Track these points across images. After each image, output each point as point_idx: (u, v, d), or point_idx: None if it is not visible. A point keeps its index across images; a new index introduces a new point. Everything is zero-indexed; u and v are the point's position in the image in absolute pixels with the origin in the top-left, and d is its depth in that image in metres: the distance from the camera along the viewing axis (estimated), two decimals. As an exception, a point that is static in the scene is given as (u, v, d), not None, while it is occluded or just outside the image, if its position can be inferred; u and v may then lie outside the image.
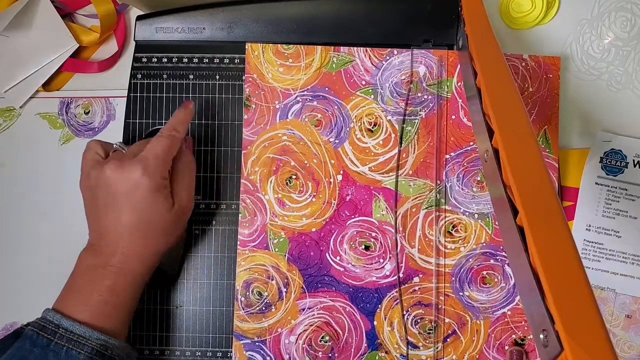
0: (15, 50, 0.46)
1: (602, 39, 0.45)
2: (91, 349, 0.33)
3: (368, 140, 0.42)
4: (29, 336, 0.33)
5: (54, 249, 0.46)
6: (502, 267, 0.42)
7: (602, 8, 0.45)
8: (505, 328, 0.41)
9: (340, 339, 0.41)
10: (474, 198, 0.42)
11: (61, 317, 0.34)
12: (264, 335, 0.41)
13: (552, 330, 0.22)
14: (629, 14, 0.45)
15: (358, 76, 0.43)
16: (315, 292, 0.42)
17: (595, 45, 0.45)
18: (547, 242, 0.25)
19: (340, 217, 0.42)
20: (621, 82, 0.45)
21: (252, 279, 0.42)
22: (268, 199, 0.42)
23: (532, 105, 0.43)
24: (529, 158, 0.29)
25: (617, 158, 0.43)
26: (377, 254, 0.42)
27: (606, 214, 0.43)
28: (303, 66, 0.43)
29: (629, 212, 0.43)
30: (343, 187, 0.42)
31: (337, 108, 0.43)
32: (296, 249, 0.42)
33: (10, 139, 0.47)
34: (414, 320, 0.41)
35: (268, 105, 0.43)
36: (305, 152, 0.42)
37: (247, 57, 0.43)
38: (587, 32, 0.45)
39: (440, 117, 0.42)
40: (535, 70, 0.43)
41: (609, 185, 0.43)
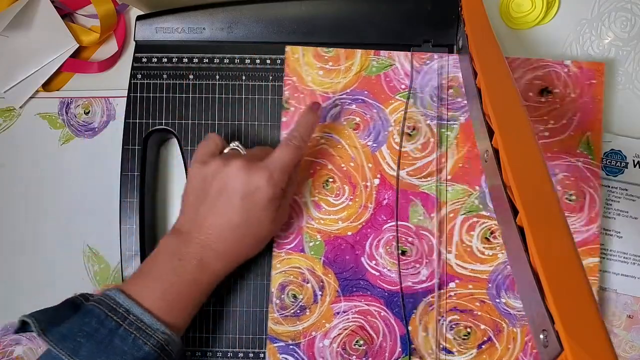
0: (15, 50, 0.46)
1: (602, 39, 0.45)
2: (156, 341, 0.33)
3: (406, 144, 0.42)
4: (96, 314, 0.32)
5: (54, 249, 0.46)
6: None
7: (602, 8, 0.45)
8: None
9: (374, 344, 0.41)
10: None
11: (132, 303, 0.33)
12: (298, 339, 0.41)
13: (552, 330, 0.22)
14: (629, 14, 0.45)
15: (398, 80, 0.42)
16: (350, 296, 0.41)
17: (595, 45, 0.45)
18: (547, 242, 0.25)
19: (376, 221, 0.42)
20: (621, 82, 0.45)
21: (287, 282, 0.41)
22: (305, 201, 0.42)
23: (574, 111, 0.42)
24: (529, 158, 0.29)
25: (617, 158, 0.43)
26: (414, 259, 0.41)
27: (607, 215, 0.43)
28: (342, 69, 0.43)
29: (629, 212, 0.43)
30: (380, 191, 0.42)
31: (375, 112, 0.42)
32: (332, 252, 0.42)
33: (10, 139, 0.47)
34: (449, 326, 0.41)
35: None
36: (342, 156, 0.42)
37: (287, 59, 0.43)
38: (587, 32, 0.45)
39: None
40: (577, 76, 0.42)
41: (609, 186, 0.43)
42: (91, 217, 0.46)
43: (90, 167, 0.46)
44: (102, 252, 0.45)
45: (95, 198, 0.46)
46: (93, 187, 0.46)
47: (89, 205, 0.46)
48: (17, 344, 0.45)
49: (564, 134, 0.42)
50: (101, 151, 0.46)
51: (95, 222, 0.45)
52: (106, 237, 0.45)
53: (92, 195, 0.46)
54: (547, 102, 0.43)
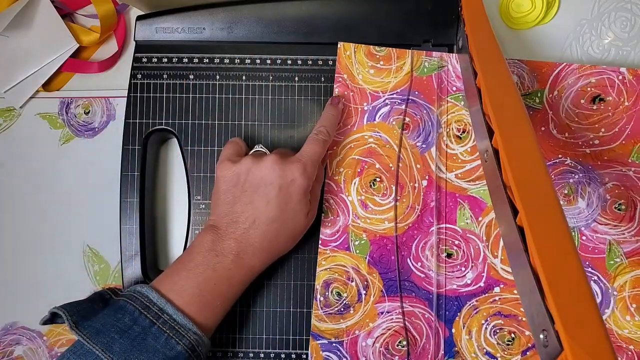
0: (15, 50, 0.46)
1: (602, 39, 0.45)
2: (188, 342, 0.33)
3: (456, 146, 0.42)
4: (130, 311, 0.33)
5: (54, 249, 0.46)
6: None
7: (602, 8, 0.45)
8: None
9: (417, 345, 0.41)
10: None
11: (166, 302, 0.33)
12: (341, 337, 0.41)
13: (552, 330, 0.22)
14: (629, 14, 0.45)
15: (449, 82, 0.42)
16: (394, 297, 0.41)
17: (595, 45, 0.45)
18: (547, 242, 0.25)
19: (423, 223, 0.42)
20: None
21: (332, 279, 0.41)
22: (351, 200, 0.42)
23: (628, 120, 0.42)
24: (529, 158, 0.29)
25: None
26: (460, 262, 0.41)
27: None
28: (394, 69, 0.42)
29: None
30: (427, 192, 0.42)
31: (425, 113, 0.42)
32: (377, 252, 0.41)
33: (10, 139, 0.47)
34: (493, 331, 0.41)
35: (356, 107, 0.42)
36: (390, 156, 0.42)
37: (339, 56, 0.43)
38: (587, 32, 0.45)
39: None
40: (632, 83, 0.42)
41: None
42: (91, 217, 0.46)
43: (90, 167, 0.46)
44: (102, 252, 0.45)
45: (95, 198, 0.46)
46: (93, 187, 0.46)
47: (89, 205, 0.46)
48: (17, 344, 0.45)
49: (615, 143, 0.42)
50: (101, 151, 0.46)
51: (95, 222, 0.45)
52: (106, 237, 0.45)
53: (92, 196, 0.46)
54: (599, 110, 0.42)
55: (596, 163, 0.42)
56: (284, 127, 0.43)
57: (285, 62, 0.43)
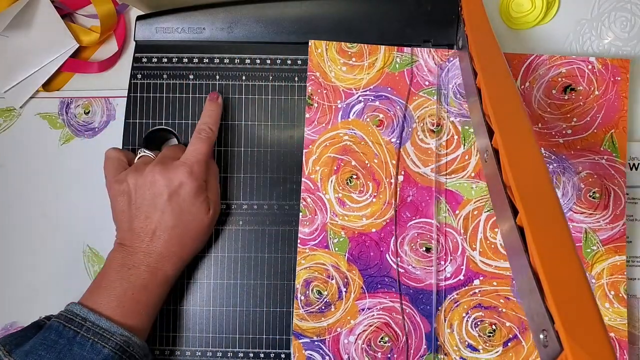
0: (15, 50, 0.46)
1: (602, 39, 0.45)
2: (115, 343, 0.34)
3: (430, 141, 0.42)
4: (55, 328, 0.34)
5: (54, 249, 0.46)
6: None
7: (602, 8, 0.45)
8: None
9: (399, 340, 0.41)
10: None
11: (88, 311, 0.34)
12: (323, 335, 0.41)
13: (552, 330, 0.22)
14: (629, 14, 0.45)
15: (421, 77, 0.42)
16: (374, 293, 0.41)
17: (595, 45, 0.45)
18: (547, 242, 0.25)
19: (401, 218, 0.42)
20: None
21: (312, 278, 0.41)
22: (329, 198, 0.42)
23: (598, 109, 0.42)
24: (529, 158, 0.29)
25: None
26: (438, 256, 0.42)
27: None
28: (366, 65, 0.43)
29: (634, 215, 0.43)
30: (404, 188, 0.42)
31: (399, 108, 0.42)
32: (356, 249, 0.42)
33: (10, 139, 0.47)
34: (474, 323, 0.41)
35: (330, 105, 0.42)
36: (366, 152, 0.42)
37: (310, 54, 0.43)
38: (587, 32, 0.45)
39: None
40: (602, 73, 0.42)
41: None
42: (91, 217, 0.46)
43: (90, 167, 0.46)
44: (102, 252, 0.45)
45: (96, 198, 0.46)
46: (93, 187, 0.46)
47: (89, 205, 0.46)
48: (17, 344, 0.45)
49: (587, 132, 0.42)
50: (101, 151, 0.46)
51: (95, 222, 0.45)
52: (106, 237, 0.45)
53: (92, 195, 0.46)
54: (571, 99, 0.43)
55: (569, 152, 0.42)
56: (284, 127, 0.43)
57: (285, 62, 0.43)
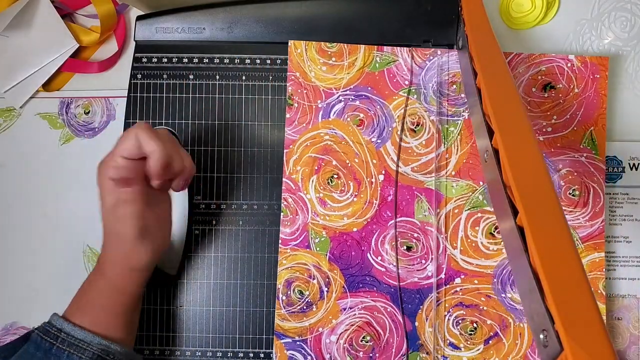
0: (15, 50, 0.46)
1: (602, 39, 0.45)
2: (92, 353, 0.34)
3: (410, 140, 0.42)
4: (34, 340, 0.34)
5: (54, 249, 0.46)
6: None
7: (602, 8, 0.45)
8: None
9: (381, 339, 0.41)
10: None
11: (64, 322, 0.34)
12: (305, 335, 0.41)
13: (552, 330, 0.22)
14: (629, 14, 0.45)
15: (401, 76, 0.43)
16: (356, 292, 0.41)
17: (595, 45, 0.45)
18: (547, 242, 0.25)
19: (381, 217, 0.42)
20: (621, 82, 0.45)
21: (293, 278, 0.42)
22: (310, 198, 0.42)
23: (578, 106, 0.42)
24: (529, 158, 0.29)
25: (613, 164, 0.43)
26: (419, 254, 0.42)
27: (613, 222, 0.43)
28: (346, 65, 0.43)
29: (634, 215, 0.43)
30: (385, 187, 0.42)
31: (379, 108, 0.42)
32: (337, 248, 0.42)
33: (10, 139, 0.46)
34: (456, 322, 0.41)
35: (310, 105, 0.43)
36: (347, 152, 0.42)
37: (290, 54, 0.43)
38: (587, 32, 0.45)
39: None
40: (581, 70, 0.43)
41: (610, 193, 0.43)
42: (91, 217, 0.45)
43: (90, 167, 0.46)
44: (102, 252, 0.45)
45: (96, 198, 0.45)
46: (93, 187, 0.46)
47: (89, 205, 0.46)
48: (17, 344, 0.45)
49: (567, 130, 0.42)
50: (101, 151, 0.46)
51: (95, 222, 0.45)
52: (106, 237, 0.45)
53: (92, 195, 0.45)
54: (551, 97, 0.43)
55: (550, 150, 0.42)
56: (284, 127, 0.43)
57: (285, 62, 0.43)
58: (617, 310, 0.43)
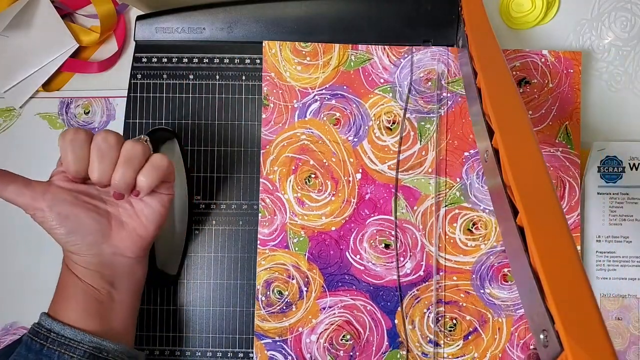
0: (15, 50, 0.46)
1: (602, 39, 0.45)
2: (83, 352, 0.33)
3: (387, 138, 0.42)
4: (25, 342, 0.34)
5: (54, 249, 0.46)
6: None
7: (602, 8, 0.45)
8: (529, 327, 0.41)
9: (361, 338, 0.41)
10: None
11: (52, 321, 0.34)
12: (285, 335, 0.41)
13: (552, 330, 0.22)
14: (629, 14, 0.45)
15: (376, 74, 0.43)
16: (335, 291, 0.42)
17: (595, 45, 0.45)
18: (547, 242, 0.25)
19: (359, 215, 0.42)
20: (621, 82, 0.45)
21: (272, 279, 0.42)
22: (287, 198, 0.42)
23: (553, 101, 0.43)
24: (529, 158, 0.29)
25: (613, 164, 0.43)
26: (398, 252, 0.42)
27: (613, 222, 0.43)
28: (321, 64, 0.43)
29: (634, 215, 0.43)
30: (362, 185, 0.42)
31: (355, 106, 0.43)
32: (316, 247, 0.42)
33: (10, 139, 0.46)
34: (435, 318, 0.41)
35: (286, 105, 0.43)
36: (324, 151, 0.42)
37: (265, 55, 0.43)
38: (587, 32, 0.45)
39: (459, 114, 0.42)
40: (555, 65, 0.43)
41: (610, 193, 0.43)
42: (91, 217, 0.45)
43: (90, 167, 0.46)
44: (102, 252, 0.45)
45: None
46: (93, 187, 0.46)
47: (89, 205, 0.46)
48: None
49: (542, 124, 0.43)
50: (101, 151, 0.46)
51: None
52: (106, 237, 0.45)
53: (92, 195, 0.46)
54: (526, 92, 0.43)
55: None
56: (284, 127, 0.43)
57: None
58: (617, 310, 0.43)
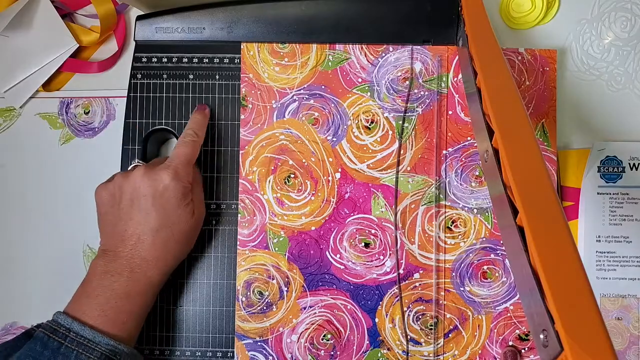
0: (15, 50, 0.46)
1: (602, 39, 0.45)
2: (100, 353, 0.33)
3: (365, 137, 0.43)
4: (40, 338, 0.34)
5: (54, 248, 0.46)
6: (503, 262, 0.42)
7: (602, 8, 0.45)
8: (508, 323, 0.41)
9: (342, 337, 0.41)
10: (473, 193, 0.42)
11: (72, 321, 0.34)
12: (266, 335, 0.41)
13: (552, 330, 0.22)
14: (629, 14, 0.45)
15: (354, 74, 0.43)
16: (316, 291, 0.42)
17: (595, 45, 0.45)
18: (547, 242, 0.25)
19: (339, 215, 0.42)
20: (621, 82, 0.45)
21: (252, 279, 0.42)
22: (267, 198, 0.42)
23: (530, 99, 0.43)
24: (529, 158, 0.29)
25: (613, 164, 0.43)
26: (377, 251, 0.42)
27: (613, 222, 0.43)
28: (299, 65, 0.43)
29: (634, 215, 0.43)
30: (342, 185, 0.42)
31: (334, 106, 0.43)
32: (296, 247, 0.42)
33: (10, 139, 0.47)
34: (415, 317, 0.42)
35: (265, 105, 0.43)
36: (303, 151, 0.42)
37: (243, 57, 0.43)
38: (587, 32, 0.45)
39: (437, 113, 0.42)
40: (531, 63, 0.43)
41: (610, 193, 0.43)
42: (91, 217, 0.45)
43: (90, 167, 0.46)
44: (102, 252, 0.45)
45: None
46: (93, 187, 0.46)
47: (89, 205, 0.45)
48: (17, 344, 0.45)
49: None
50: (101, 151, 0.46)
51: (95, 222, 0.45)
52: (106, 237, 0.45)
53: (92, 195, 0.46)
54: None
55: None
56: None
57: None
58: (617, 310, 0.43)
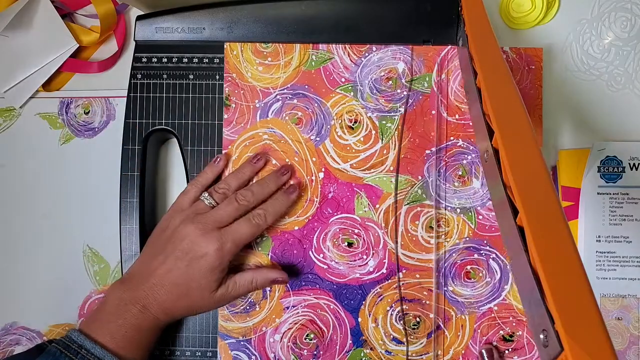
0: (15, 50, 0.46)
1: (602, 39, 0.45)
2: None
3: (349, 137, 0.43)
4: (52, 353, 0.34)
5: (54, 249, 0.46)
6: (487, 262, 0.42)
7: (602, 8, 0.45)
8: (492, 324, 0.41)
9: (325, 337, 0.42)
10: (456, 193, 0.42)
11: (85, 339, 0.35)
12: (249, 335, 0.41)
13: (552, 330, 0.22)
14: (629, 14, 0.45)
15: (337, 73, 0.43)
16: (299, 290, 0.42)
17: (595, 45, 0.45)
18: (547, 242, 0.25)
19: (322, 214, 0.42)
20: (621, 82, 0.45)
21: None
22: None
23: None
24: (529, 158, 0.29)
25: (613, 164, 0.43)
26: (360, 250, 0.42)
27: (613, 222, 0.43)
28: (282, 64, 0.43)
29: (634, 215, 0.43)
30: (325, 184, 0.42)
31: (317, 106, 0.43)
32: (279, 247, 0.42)
33: (10, 139, 0.47)
34: (398, 316, 0.41)
35: (248, 105, 0.43)
36: (286, 151, 0.42)
37: (226, 56, 0.43)
38: (587, 32, 0.45)
39: (420, 112, 0.42)
40: (516, 62, 0.43)
41: (610, 193, 0.43)
42: (91, 217, 0.46)
43: (90, 167, 0.46)
44: (102, 252, 0.45)
45: (95, 198, 0.46)
46: (93, 187, 0.46)
47: (88, 205, 0.46)
48: (17, 344, 0.45)
49: None
50: (101, 151, 0.46)
51: (95, 222, 0.45)
52: (106, 237, 0.45)
53: (92, 195, 0.46)
54: None
55: None
56: (284, 127, 0.43)
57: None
58: (617, 310, 0.43)
